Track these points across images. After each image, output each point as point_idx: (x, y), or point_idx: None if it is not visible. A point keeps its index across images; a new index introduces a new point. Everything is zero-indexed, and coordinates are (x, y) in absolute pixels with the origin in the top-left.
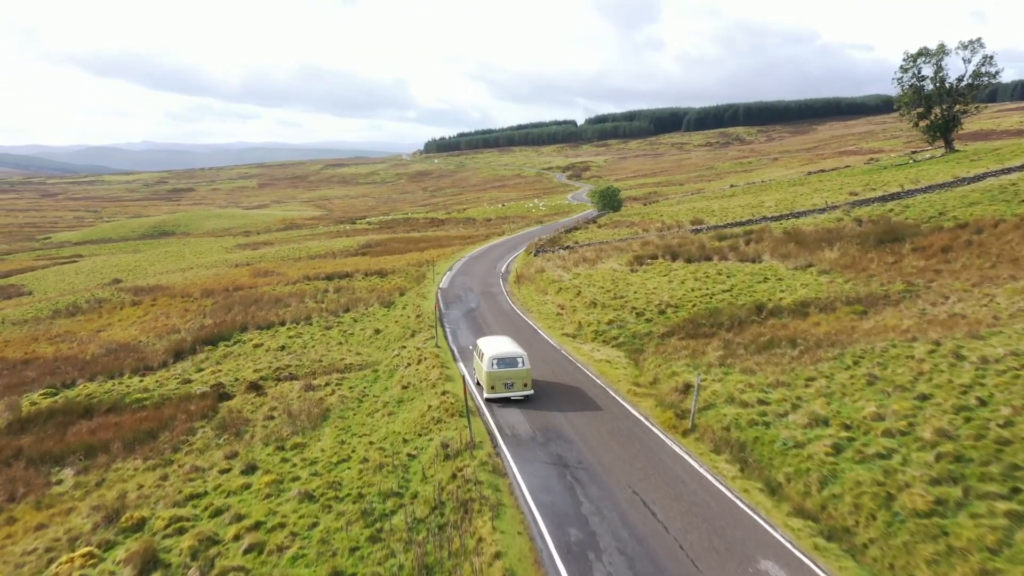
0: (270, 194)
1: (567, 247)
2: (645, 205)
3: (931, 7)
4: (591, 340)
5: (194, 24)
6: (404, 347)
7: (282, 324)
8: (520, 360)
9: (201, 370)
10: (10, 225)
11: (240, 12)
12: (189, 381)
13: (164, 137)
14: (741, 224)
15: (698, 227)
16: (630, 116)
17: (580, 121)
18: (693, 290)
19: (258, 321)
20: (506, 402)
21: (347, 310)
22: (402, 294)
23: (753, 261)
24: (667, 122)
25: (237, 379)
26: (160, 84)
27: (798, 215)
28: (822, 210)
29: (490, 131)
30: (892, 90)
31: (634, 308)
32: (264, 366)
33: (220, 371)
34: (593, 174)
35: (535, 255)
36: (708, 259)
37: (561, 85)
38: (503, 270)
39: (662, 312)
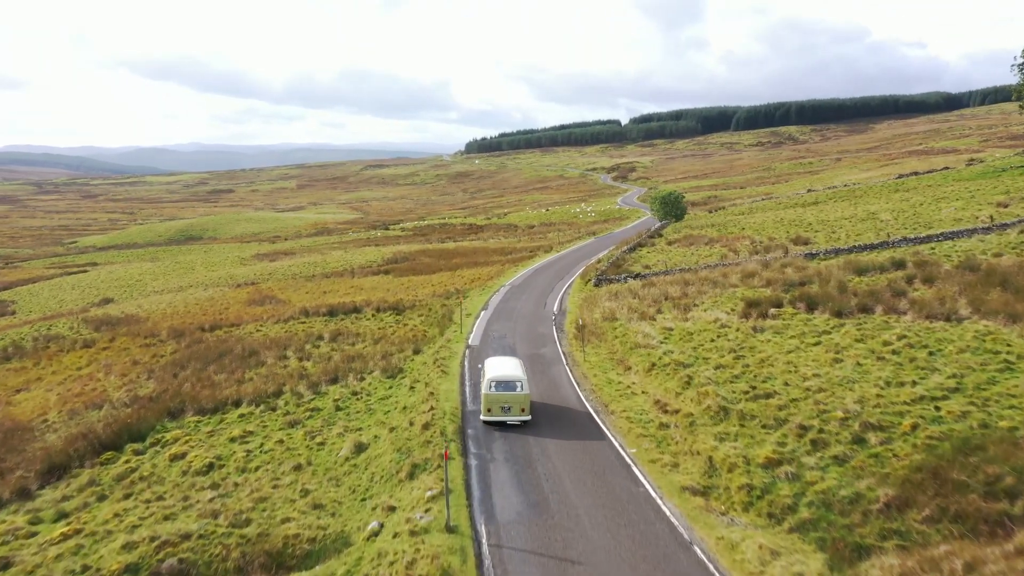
0: (308, 195)
1: (637, 275)
2: (711, 212)
3: (986, 2)
4: (742, 509)
5: (241, 28)
6: (391, 511)
7: (236, 404)
8: (519, 384)
9: (62, 517)
10: (43, 228)
11: (284, 16)
12: None
13: (212, 139)
14: (872, 247)
15: (810, 250)
16: (676, 115)
17: (624, 121)
18: (888, 384)
19: (204, 398)
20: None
21: (335, 380)
22: (416, 352)
23: (948, 319)
24: (715, 121)
25: (86, 567)
26: (208, 87)
27: (951, 236)
28: (986, 228)
29: (532, 131)
30: (953, 87)
31: (801, 427)
32: (146, 535)
33: (78, 533)
34: (640, 175)
35: (596, 285)
36: (866, 310)
37: (603, 85)
38: (555, 310)
39: (859, 440)
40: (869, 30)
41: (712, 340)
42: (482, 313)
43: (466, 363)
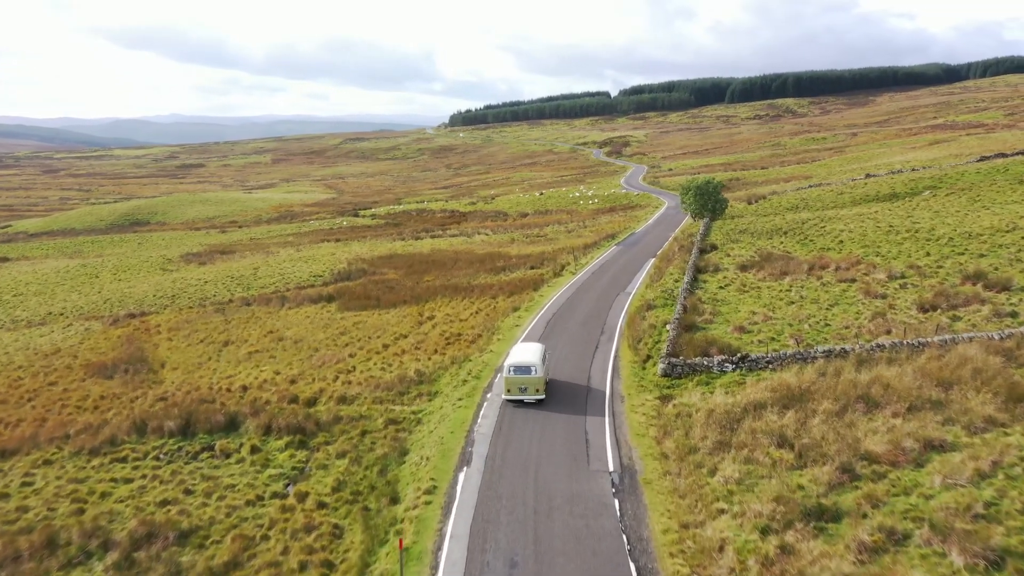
0: (282, 171)
1: (742, 357)
2: (750, 204)
3: None
4: None
5: None
6: None
7: None
8: (533, 369)
9: None
10: None
11: None
12: None
13: (193, 110)
14: None
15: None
16: (668, 87)
17: (613, 92)
18: None
19: None
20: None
21: None
22: None
23: None
24: (709, 93)
25: None
26: (188, 57)
27: None
28: None
29: (519, 103)
30: (943, 58)
31: None
32: None
33: None
34: (635, 151)
35: (667, 375)
36: None
37: (590, 56)
38: (616, 473)
39: None
40: (857, 0)
41: None
42: (457, 488)
43: None
